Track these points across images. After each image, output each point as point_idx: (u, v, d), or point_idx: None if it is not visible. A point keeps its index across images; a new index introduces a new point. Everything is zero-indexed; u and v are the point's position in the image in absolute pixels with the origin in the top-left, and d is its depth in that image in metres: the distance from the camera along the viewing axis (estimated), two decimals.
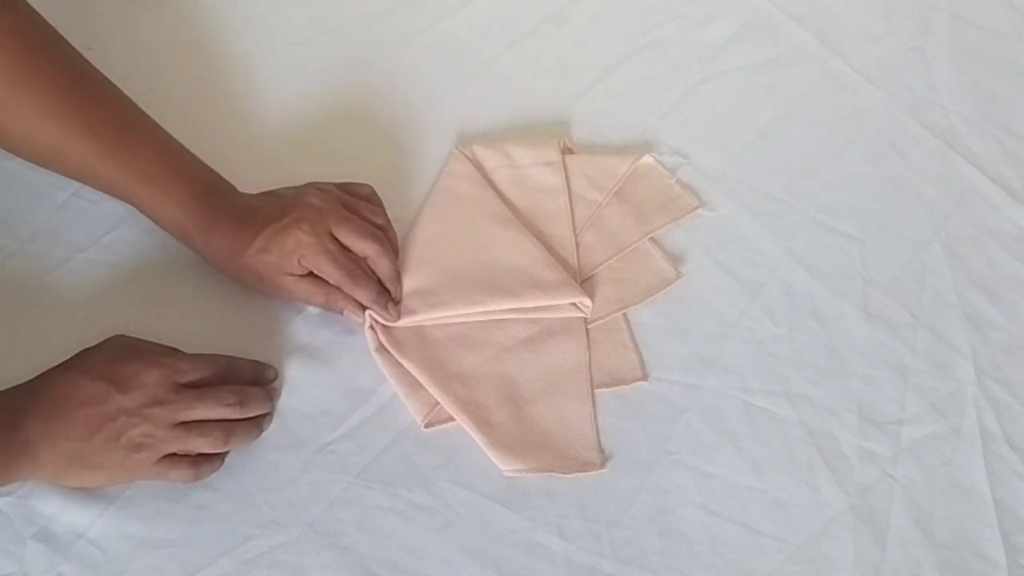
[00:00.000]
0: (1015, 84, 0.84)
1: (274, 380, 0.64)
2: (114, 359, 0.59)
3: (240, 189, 0.67)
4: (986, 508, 0.64)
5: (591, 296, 0.68)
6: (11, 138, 0.63)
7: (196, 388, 0.59)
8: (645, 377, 0.66)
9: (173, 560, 0.58)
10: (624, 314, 0.69)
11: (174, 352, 0.62)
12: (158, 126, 0.65)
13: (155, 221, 0.65)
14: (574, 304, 0.67)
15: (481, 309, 0.66)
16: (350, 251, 0.64)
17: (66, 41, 0.64)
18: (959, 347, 0.70)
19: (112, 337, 0.61)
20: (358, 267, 0.65)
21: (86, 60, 0.64)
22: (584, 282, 0.70)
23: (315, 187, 0.66)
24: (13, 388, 0.58)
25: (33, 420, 0.56)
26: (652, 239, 0.72)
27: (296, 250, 0.63)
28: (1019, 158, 0.80)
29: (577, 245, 0.72)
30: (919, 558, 0.62)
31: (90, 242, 0.69)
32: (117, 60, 0.68)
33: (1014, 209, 0.77)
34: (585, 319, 0.68)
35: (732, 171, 0.77)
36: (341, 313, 0.65)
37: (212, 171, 0.66)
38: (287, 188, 0.67)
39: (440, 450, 0.63)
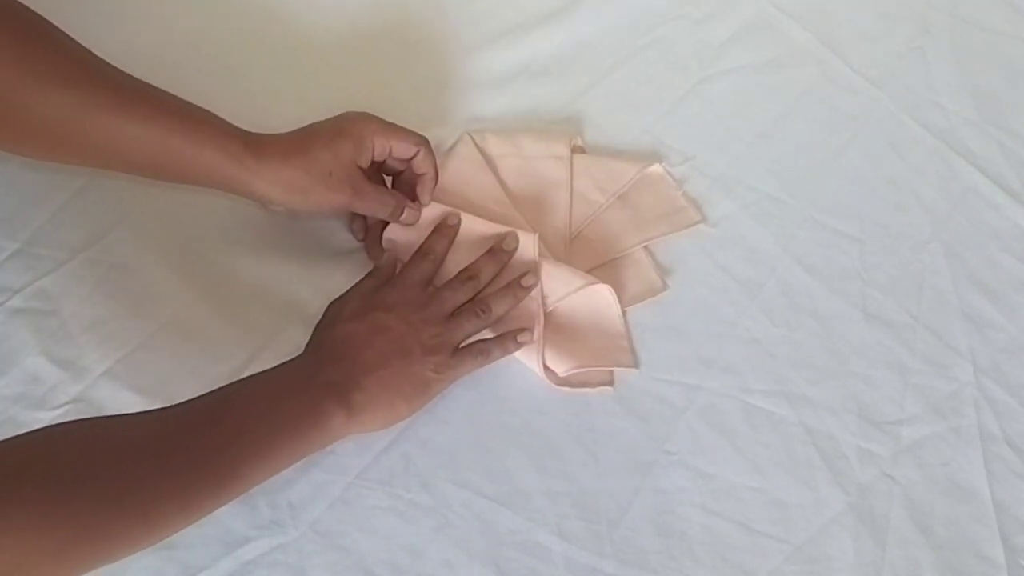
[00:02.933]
0: (1015, 84, 0.84)
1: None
2: (358, 301, 0.63)
3: None
4: (986, 508, 0.64)
5: None
6: (27, 112, 0.57)
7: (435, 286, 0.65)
8: (636, 365, 0.67)
9: (173, 561, 0.58)
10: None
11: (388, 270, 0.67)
12: (168, 93, 0.62)
13: (195, 160, 0.60)
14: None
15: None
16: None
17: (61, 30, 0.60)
18: (958, 347, 0.70)
19: (328, 307, 0.64)
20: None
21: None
22: None
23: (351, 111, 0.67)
24: (287, 362, 0.60)
25: (329, 368, 0.59)
26: (646, 247, 0.72)
27: (368, 126, 0.64)
28: (1019, 158, 0.80)
29: (571, 241, 0.72)
30: (919, 558, 0.62)
31: (90, 242, 0.69)
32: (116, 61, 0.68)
33: (1014, 209, 0.77)
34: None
35: (732, 171, 0.77)
36: (399, 218, 0.67)
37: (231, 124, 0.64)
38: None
39: (440, 450, 0.63)
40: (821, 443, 0.65)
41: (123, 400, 0.63)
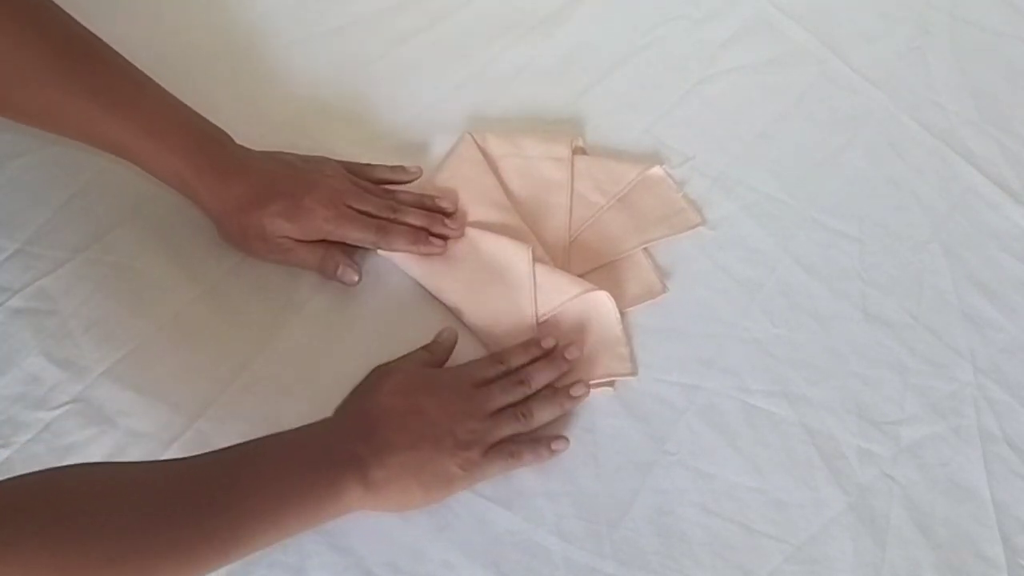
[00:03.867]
0: (1015, 84, 0.84)
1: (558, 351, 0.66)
2: (403, 377, 0.61)
3: None
4: (986, 508, 0.64)
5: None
6: (9, 102, 0.62)
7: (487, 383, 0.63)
8: (634, 372, 0.67)
9: None
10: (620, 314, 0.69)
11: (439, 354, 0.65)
12: (155, 83, 0.65)
13: (158, 175, 0.65)
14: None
15: (453, 293, 0.69)
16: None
17: (58, 6, 0.63)
18: (958, 347, 0.70)
19: (373, 371, 0.63)
20: (384, 219, 0.67)
21: (79, 23, 0.63)
22: None
23: (328, 165, 0.69)
24: (315, 424, 0.59)
25: (354, 439, 0.57)
26: (645, 249, 0.72)
27: (322, 227, 0.66)
28: (1019, 158, 0.80)
29: (571, 243, 0.72)
30: (919, 558, 0.62)
31: (90, 242, 0.69)
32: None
33: (1014, 209, 0.77)
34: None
35: (732, 171, 0.77)
36: (335, 273, 0.67)
37: (211, 124, 0.66)
38: (296, 156, 0.69)
39: None
40: (821, 443, 0.65)
41: (123, 400, 0.63)
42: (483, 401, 0.61)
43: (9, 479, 0.47)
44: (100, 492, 0.49)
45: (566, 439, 0.63)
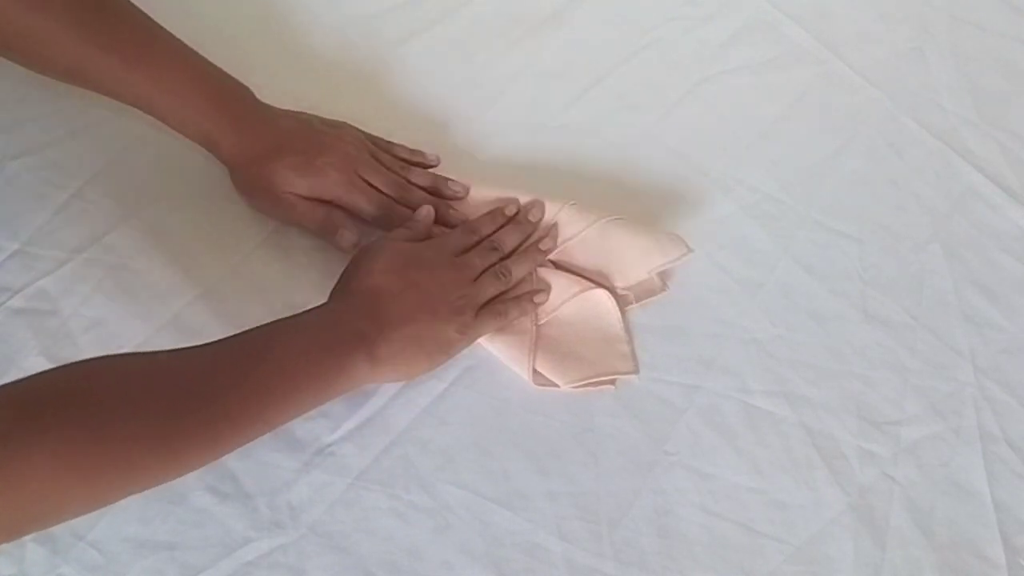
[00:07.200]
0: (1015, 85, 0.84)
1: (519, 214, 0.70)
2: (392, 254, 0.63)
3: None
4: (986, 508, 0.64)
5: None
6: (34, 61, 0.65)
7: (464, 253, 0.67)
8: (636, 371, 0.67)
9: (173, 562, 0.58)
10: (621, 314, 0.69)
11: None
12: (175, 37, 0.67)
13: (178, 128, 0.67)
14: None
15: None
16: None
17: None
18: (958, 348, 0.70)
19: (359, 252, 0.64)
20: (390, 198, 0.69)
21: None
22: None
23: (348, 131, 0.70)
24: (318, 307, 0.61)
25: (358, 318, 0.60)
26: None
27: (330, 189, 0.67)
28: (1019, 158, 0.80)
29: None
30: (919, 558, 0.62)
31: (90, 242, 0.69)
32: None
33: (1014, 209, 0.77)
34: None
35: (732, 171, 0.77)
36: (334, 235, 0.68)
37: (232, 78, 0.68)
38: (318, 118, 0.71)
39: (440, 451, 0.63)
40: (821, 443, 0.65)
41: None
42: (466, 268, 0.65)
43: (44, 372, 0.50)
44: (134, 378, 0.52)
45: (545, 292, 0.67)
